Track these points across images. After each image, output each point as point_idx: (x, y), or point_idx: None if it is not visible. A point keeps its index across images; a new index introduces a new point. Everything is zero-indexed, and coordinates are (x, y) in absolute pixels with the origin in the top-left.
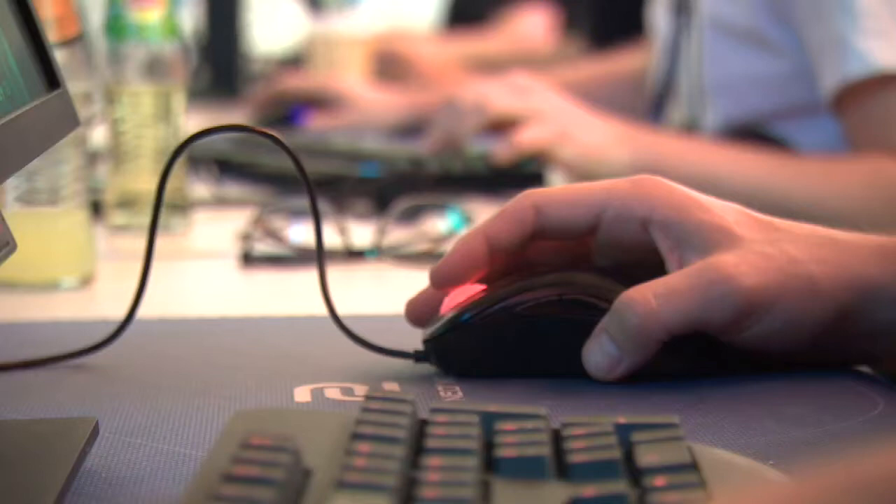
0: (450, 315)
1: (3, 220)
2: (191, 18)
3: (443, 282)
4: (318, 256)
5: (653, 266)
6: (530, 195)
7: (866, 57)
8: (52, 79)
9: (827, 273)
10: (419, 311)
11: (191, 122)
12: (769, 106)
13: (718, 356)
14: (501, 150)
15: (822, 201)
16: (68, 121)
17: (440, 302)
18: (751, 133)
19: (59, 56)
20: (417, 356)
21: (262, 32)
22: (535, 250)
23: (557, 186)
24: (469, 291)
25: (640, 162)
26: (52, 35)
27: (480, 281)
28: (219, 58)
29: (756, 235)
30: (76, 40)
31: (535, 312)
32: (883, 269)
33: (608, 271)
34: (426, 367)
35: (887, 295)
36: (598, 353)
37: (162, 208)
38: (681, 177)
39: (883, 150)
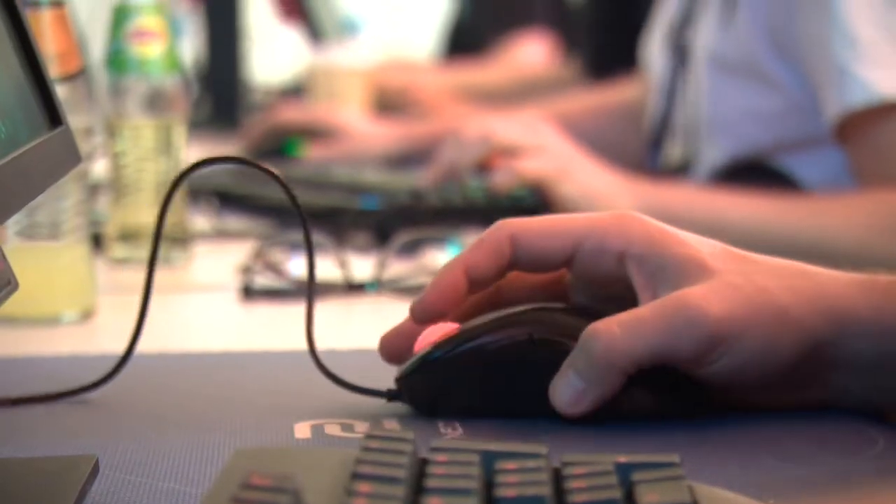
0: (420, 353)
1: (4, 258)
2: (191, 48)
3: (425, 316)
4: (308, 292)
5: (628, 301)
6: (507, 225)
7: (868, 86)
8: (53, 115)
9: (800, 303)
10: (393, 348)
11: (191, 153)
12: (771, 140)
13: (690, 395)
14: (501, 177)
15: (829, 238)
16: (70, 158)
17: (414, 338)
18: (754, 167)
19: (61, 91)
20: (390, 395)
21: (263, 63)
22: (513, 287)
23: (535, 217)
24: (442, 329)
25: (648, 212)
26: (53, 70)
27: (458, 318)
28: (219, 88)
29: (729, 267)
30: (78, 75)
31: (505, 352)
32: (861, 301)
33: (583, 310)
34: None
35: (865, 327)
36: (564, 387)
37: (161, 241)
38: (689, 224)
39: (887, 180)
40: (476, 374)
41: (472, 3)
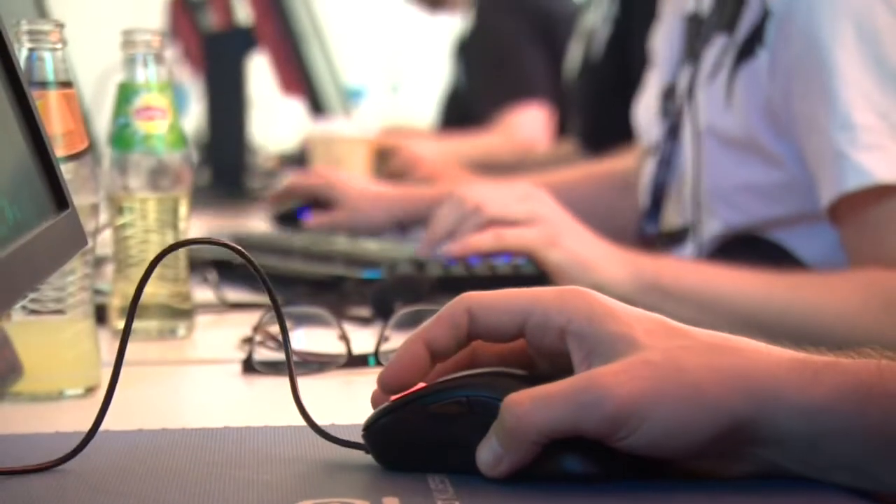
0: (377, 410)
1: (11, 345)
2: (194, 115)
3: (389, 388)
4: (288, 364)
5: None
6: (465, 299)
7: (862, 170)
8: (60, 198)
9: (717, 381)
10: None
11: (194, 221)
12: (769, 214)
13: (620, 462)
14: (481, 239)
15: (820, 315)
16: (76, 241)
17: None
18: (751, 239)
19: (67, 170)
20: (356, 446)
21: (265, 131)
22: (486, 351)
23: (493, 291)
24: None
25: (640, 284)
26: (60, 150)
27: (431, 380)
28: (221, 156)
29: (657, 344)
30: (84, 154)
31: (445, 411)
32: (788, 379)
33: (536, 377)
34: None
35: (789, 404)
36: (486, 450)
37: (132, 320)
38: (681, 297)
39: (879, 261)
40: (422, 432)
41: (470, 75)
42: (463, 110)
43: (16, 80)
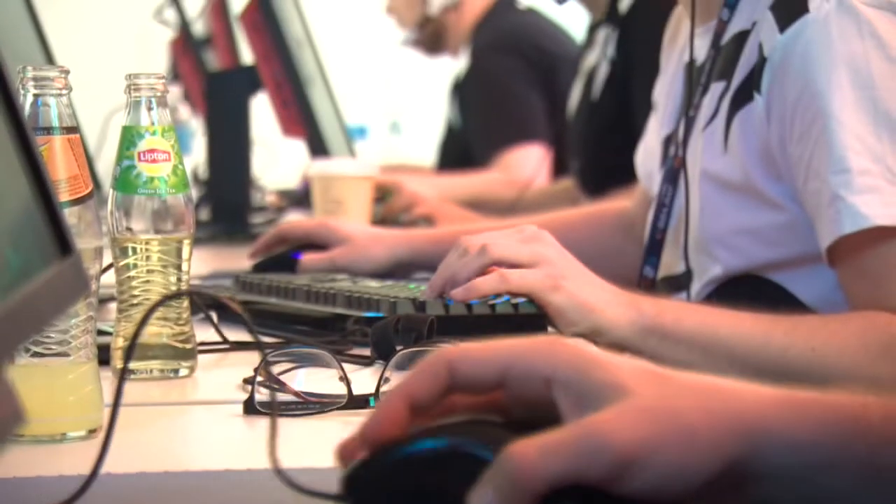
0: (358, 459)
1: (13, 392)
2: (197, 155)
3: (371, 440)
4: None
5: (556, 420)
6: (444, 353)
7: (858, 213)
8: (63, 244)
9: (711, 423)
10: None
11: (196, 258)
12: (768, 257)
13: None
14: (485, 281)
15: (819, 357)
16: (78, 288)
17: None
18: (750, 281)
19: (71, 214)
20: (337, 497)
21: (267, 169)
22: (459, 402)
23: (472, 343)
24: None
25: (641, 327)
26: (64, 195)
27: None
28: (223, 194)
29: (647, 391)
30: (88, 198)
31: (427, 460)
32: (779, 416)
33: (511, 424)
34: None
35: (781, 441)
36: (480, 499)
37: (129, 363)
38: (681, 340)
39: (878, 304)
40: (402, 481)
41: (467, 115)
42: (461, 150)
43: (20, 126)
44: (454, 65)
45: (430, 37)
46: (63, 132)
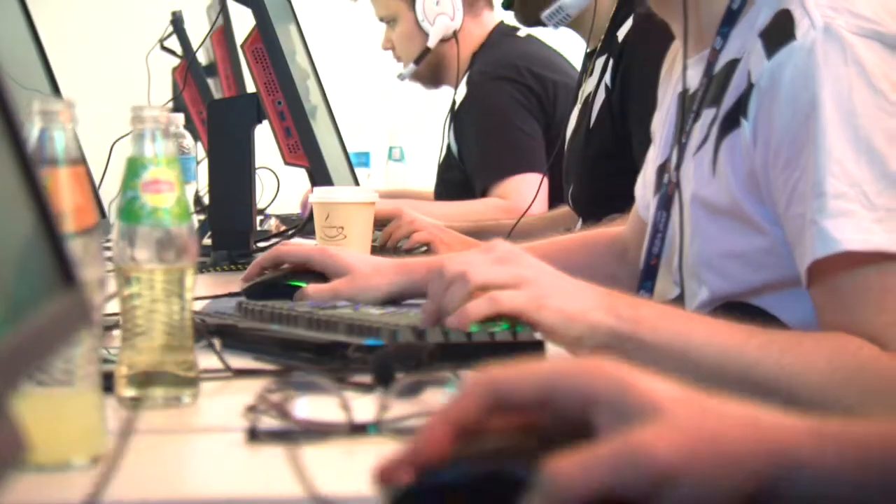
0: (401, 483)
1: (19, 425)
2: (201, 181)
3: (416, 464)
4: None
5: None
6: (488, 375)
7: (830, 237)
8: (67, 275)
9: (747, 447)
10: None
11: (198, 284)
12: (755, 281)
13: None
14: (477, 306)
15: (787, 373)
16: (83, 318)
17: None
18: (737, 305)
19: (75, 245)
20: None
21: (269, 195)
22: (500, 420)
23: (513, 366)
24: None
25: (618, 332)
26: (69, 226)
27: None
28: (225, 219)
29: (684, 412)
30: (93, 229)
31: (473, 485)
32: (807, 445)
33: (553, 443)
34: None
35: (809, 470)
36: None
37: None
38: (655, 348)
39: (848, 328)
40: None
41: (465, 143)
42: (460, 177)
43: (24, 159)
44: (457, 91)
45: (430, 70)
46: (68, 164)
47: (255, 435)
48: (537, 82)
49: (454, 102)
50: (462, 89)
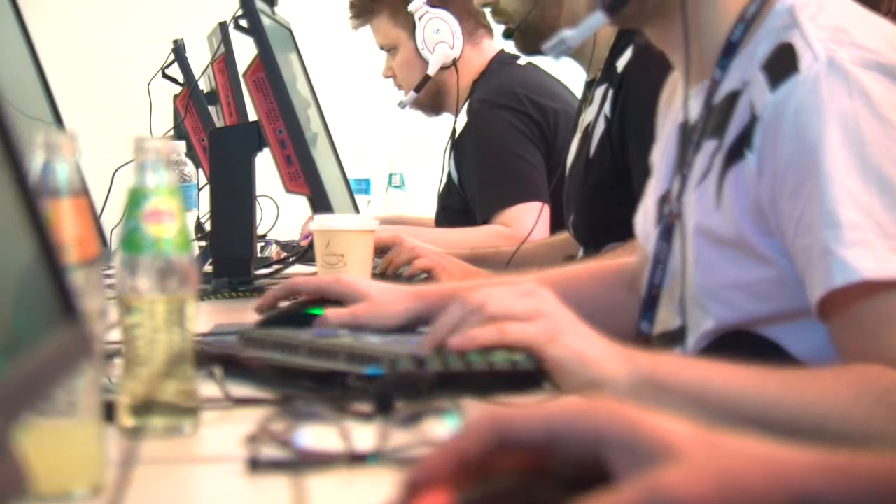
0: None
1: (20, 459)
2: (202, 209)
3: (414, 491)
4: None
5: (605, 480)
6: (493, 413)
7: (848, 266)
8: (68, 307)
9: (766, 485)
10: None
11: (199, 312)
12: (760, 311)
13: None
14: (483, 333)
15: (810, 409)
16: (85, 350)
17: None
18: (742, 335)
19: (77, 275)
20: None
21: (270, 222)
22: (506, 458)
23: (519, 405)
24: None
25: (637, 380)
26: (71, 257)
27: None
28: (226, 247)
29: (700, 451)
30: (95, 260)
31: None
32: (822, 478)
33: (561, 483)
34: None
35: (824, 501)
36: None
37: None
38: (675, 392)
39: (868, 357)
40: None
41: (465, 171)
42: (461, 204)
43: (26, 191)
44: (458, 119)
45: (430, 97)
46: (70, 196)
47: (255, 465)
48: (538, 111)
49: (454, 130)
50: (462, 117)
